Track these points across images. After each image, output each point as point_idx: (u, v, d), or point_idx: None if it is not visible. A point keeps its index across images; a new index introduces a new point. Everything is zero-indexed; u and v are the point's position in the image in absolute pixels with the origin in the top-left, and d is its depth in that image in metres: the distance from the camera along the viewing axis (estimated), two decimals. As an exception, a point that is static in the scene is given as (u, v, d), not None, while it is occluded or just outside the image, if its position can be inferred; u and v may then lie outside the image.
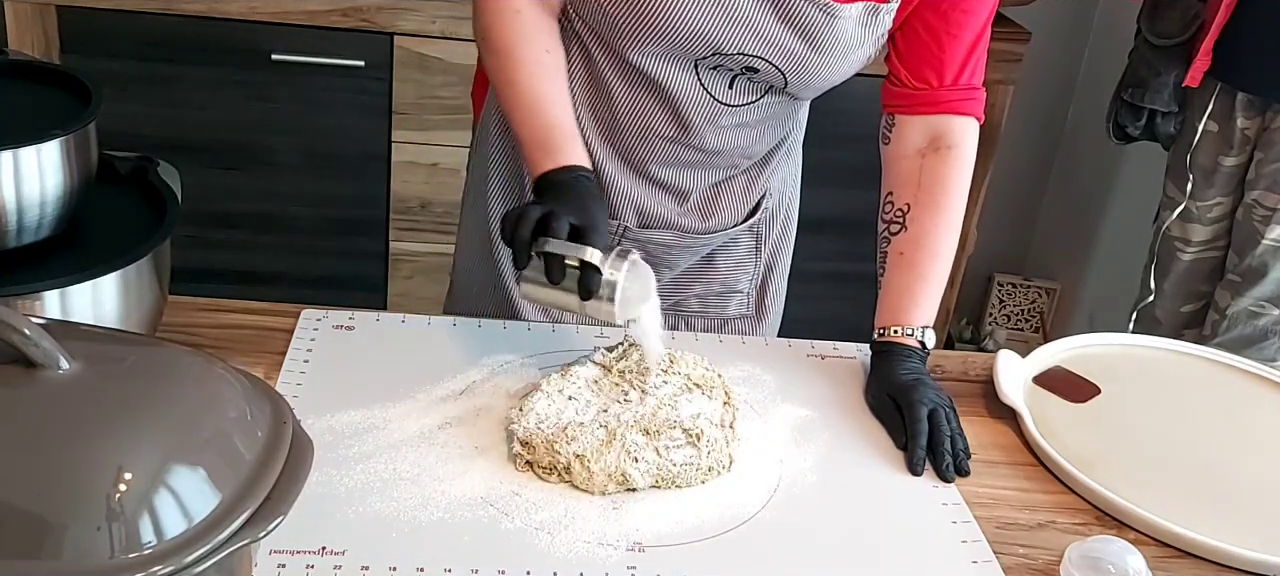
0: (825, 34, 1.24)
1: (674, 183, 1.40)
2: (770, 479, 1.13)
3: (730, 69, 1.28)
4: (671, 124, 1.33)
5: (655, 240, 1.43)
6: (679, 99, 1.31)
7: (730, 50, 1.25)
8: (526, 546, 1.00)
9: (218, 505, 0.69)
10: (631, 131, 1.35)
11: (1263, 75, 2.12)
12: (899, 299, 1.31)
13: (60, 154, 1.04)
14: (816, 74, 1.28)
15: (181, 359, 0.78)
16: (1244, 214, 2.19)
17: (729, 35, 1.23)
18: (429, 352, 1.26)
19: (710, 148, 1.36)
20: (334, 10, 2.38)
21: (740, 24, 1.23)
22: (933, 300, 1.32)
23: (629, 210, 1.41)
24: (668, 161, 1.38)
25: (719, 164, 1.40)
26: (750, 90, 1.31)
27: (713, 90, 1.30)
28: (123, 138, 1.32)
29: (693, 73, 1.29)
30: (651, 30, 1.24)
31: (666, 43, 1.25)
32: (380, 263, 2.67)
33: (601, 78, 1.33)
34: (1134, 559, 0.98)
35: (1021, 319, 3.26)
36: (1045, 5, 2.75)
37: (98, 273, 1.02)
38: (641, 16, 1.23)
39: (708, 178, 1.42)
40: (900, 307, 1.30)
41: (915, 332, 1.29)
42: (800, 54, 1.26)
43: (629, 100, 1.33)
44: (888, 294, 1.33)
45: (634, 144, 1.37)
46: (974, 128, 1.35)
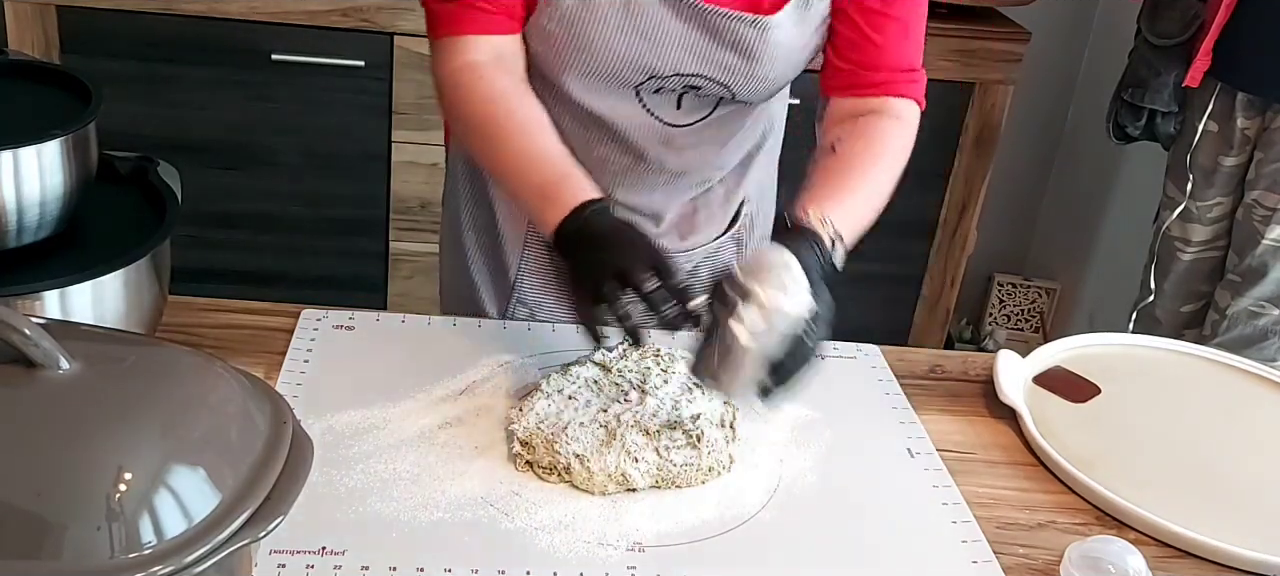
0: (759, 45, 1.21)
1: (645, 206, 1.37)
2: (770, 479, 1.13)
3: (673, 89, 1.25)
4: (625, 154, 1.31)
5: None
6: (626, 128, 1.28)
7: (666, 72, 1.22)
8: (526, 546, 1.00)
9: (218, 505, 0.69)
10: (589, 164, 1.30)
11: (1263, 75, 2.12)
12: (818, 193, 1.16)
13: (60, 154, 1.04)
14: (762, 81, 1.25)
15: (182, 359, 0.78)
16: (1244, 214, 2.19)
17: (661, 58, 1.20)
18: (429, 353, 1.26)
19: (672, 169, 1.33)
20: (334, 10, 2.38)
21: (671, 45, 1.19)
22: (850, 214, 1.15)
23: None
24: (634, 188, 1.35)
25: (688, 182, 1.37)
26: (700, 105, 1.28)
27: (660, 114, 1.27)
28: (123, 138, 1.31)
29: (635, 100, 1.26)
30: (580, 62, 1.21)
31: (599, 73, 1.22)
32: (380, 263, 2.67)
33: (554, 116, 1.28)
34: (1134, 559, 0.98)
35: (1021, 319, 3.26)
36: (1045, 5, 2.75)
37: (98, 272, 1.02)
38: (567, 48, 1.20)
39: (681, 196, 1.39)
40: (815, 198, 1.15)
41: (827, 226, 1.11)
42: (738, 66, 1.22)
43: (581, 136, 1.30)
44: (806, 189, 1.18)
45: (594, 174, 1.30)
46: (913, 109, 1.28)
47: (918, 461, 1.19)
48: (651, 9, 1.18)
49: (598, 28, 1.18)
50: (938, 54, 2.57)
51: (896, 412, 1.27)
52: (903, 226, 2.76)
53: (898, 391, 1.31)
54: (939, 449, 1.21)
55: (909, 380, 1.34)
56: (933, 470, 1.18)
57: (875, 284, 2.82)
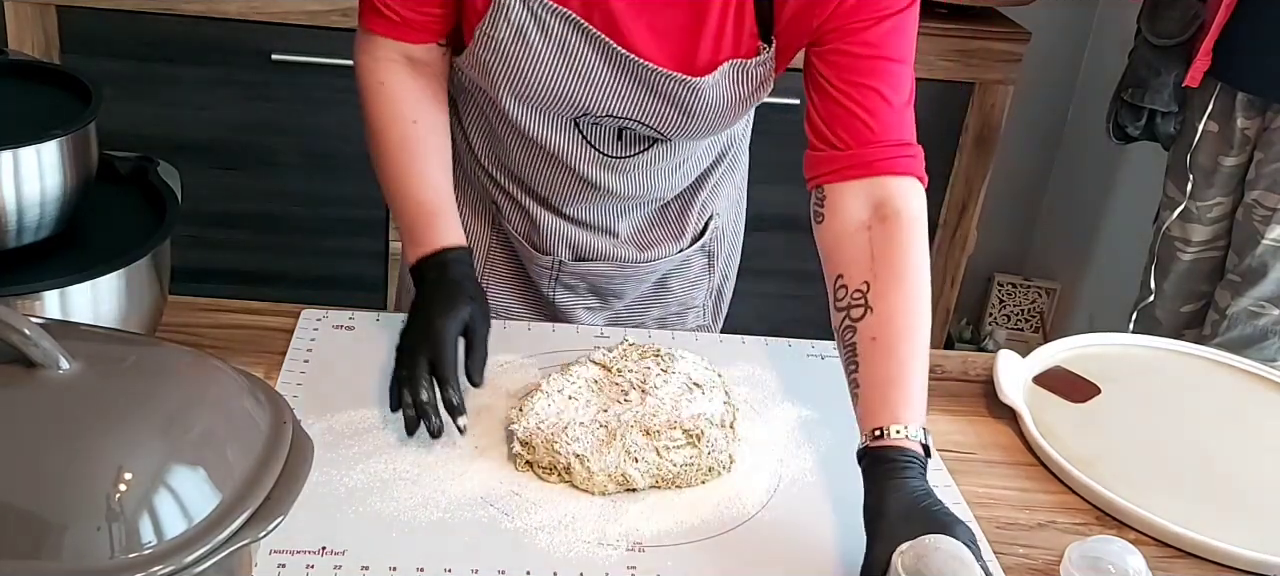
0: (691, 100, 1.18)
1: (598, 221, 1.37)
2: (770, 479, 1.13)
3: (611, 126, 1.24)
4: (569, 177, 1.30)
5: (594, 272, 1.41)
6: (565, 155, 1.27)
7: (599, 113, 1.21)
8: (526, 546, 1.00)
9: (218, 505, 0.69)
10: (535, 180, 1.33)
11: (1263, 75, 2.12)
12: (886, 392, 1.04)
13: (60, 154, 1.04)
14: (696, 130, 1.23)
15: (182, 359, 0.78)
16: (1244, 214, 2.19)
17: (593, 100, 1.19)
18: (429, 352, 1.25)
19: (618, 193, 1.32)
20: (334, 10, 2.38)
21: (599, 89, 1.18)
22: (921, 394, 1.05)
23: (561, 245, 1.38)
24: (582, 206, 1.35)
25: (639, 201, 1.36)
26: (638, 141, 1.27)
27: (599, 144, 1.26)
28: (123, 138, 1.32)
29: (574, 130, 1.25)
30: (515, 93, 1.20)
31: (534, 105, 1.22)
32: (380, 263, 2.66)
33: (497, 132, 1.30)
34: (1134, 559, 0.98)
35: (1021, 319, 3.26)
36: (1045, 5, 2.75)
37: (98, 273, 1.02)
38: (504, 79, 1.19)
39: (633, 213, 1.38)
40: (890, 401, 1.03)
41: (913, 433, 1.01)
42: (670, 115, 1.20)
43: (523, 155, 1.30)
44: (871, 389, 1.06)
45: (543, 190, 1.34)
46: (919, 191, 1.15)
47: (918, 461, 1.19)
48: (585, 54, 1.16)
49: (532, 64, 1.17)
50: (938, 54, 2.57)
51: (896, 412, 1.27)
52: (903, 226, 2.75)
53: (898, 391, 1.31)
54: (939, 449, 1.21)
55: (909, 380, 1.34)
56: (933, 470, 1.17)
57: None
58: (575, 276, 1.41)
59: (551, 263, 1.39)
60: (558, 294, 1.41)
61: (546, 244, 1.38)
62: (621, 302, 1.45)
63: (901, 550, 0.92)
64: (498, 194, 1.38)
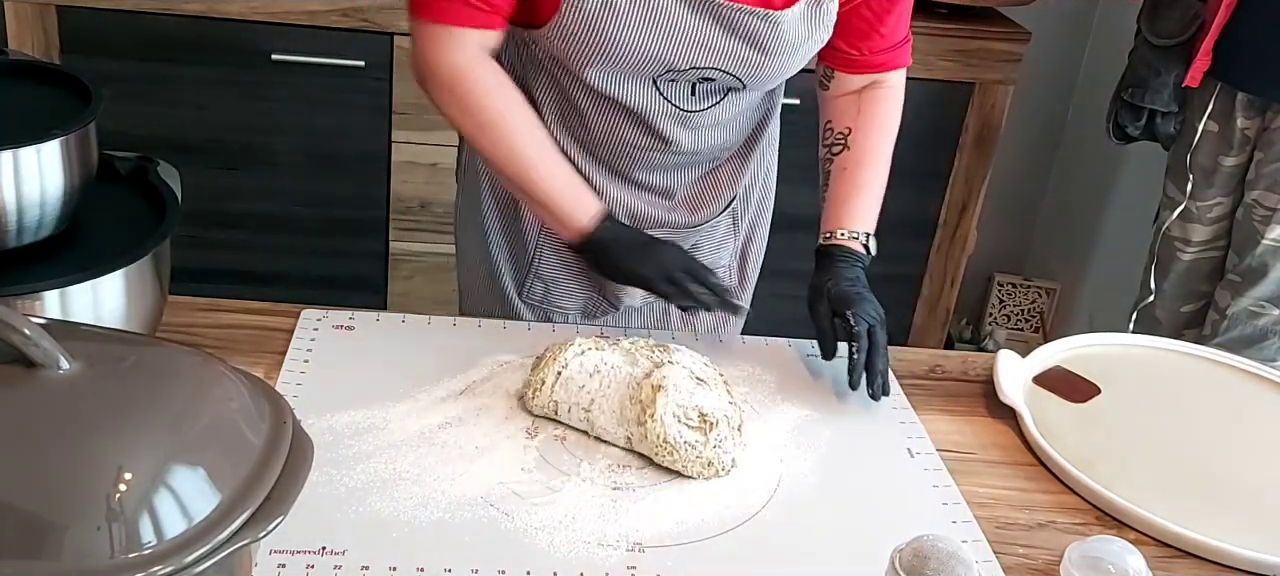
0: (771, 38, 1.26)
1: (659, 184, 1.43)
2: (770, 479, 1.13)
3: (688, 79, 1.30)
4: (644, 135, 1.35)
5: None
6: (645, 112, 1.32)
7: (682, 66, 1.26)
8: (526, 546, 1.00)
9: (218, 505, 0.69)
10: (609, 146, 1.37)
11: (1263, 75, 2.12)
12: (842, 206, 1.37)
13: (60, 154, 1.04)
14: (771, 73, 1.31)
15: (181, 359, 0.78)
16: (1244, 214, 2.19)
17: (678, 53, 1.25)
18: (429, 352, 1.26)
19: (688, 149, 1.38)
20: (334, 10, 2.38)
21: (687, 42, 1.24)
22: (873, 209, 1.38)
23: (621, 213, 1.42)
24: (650, 167, 1.40)
25: (700, 160, 1.43)
26: (713, 93, 1.33)
27: (676, 100, 1.32)
28: (123, 138, 1.31)
29: (652, 87, 1.30)
30: (602, 57, 1.25)
31: (619, 67, 1.26)
32: (380, 263, 2.67)
33: (572, 100, 1.34)
34: (1134, 559, 0.98)
35: (1021, 319, 3.26)
36: (1045, 5, 2.75)
37: (98, 273, 1.02)
38: (590, 45, 1.24)
39: (691, 174, 1.44)
40: (844, 213, 1.36)
41: (859, 236, 1.34)
42: (751, 59, 1.28)
43: (599, 120, 1.35)
44: (832, 203, 1.38)
45: (614, 157, 1.39)
46: (903, 72, 1.43)
47: (918, 461, 1.19)
48: (669, 7, 1.22)
49: (619, 27, 1.22)
50: (938, 54, 2.57)
51: (896, 412, 1.27)
52: (903, 226, 2.76)
53: (898, 391, 1.31)
54: (939, 449, 1.21)
55: (909, 380, 1.34)
56: (933, 470, 1.18)
57: (875, 284, 2.80)
58: None
59: None
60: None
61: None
62: None
63: (899, 548, 0.92)
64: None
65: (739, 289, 1.58)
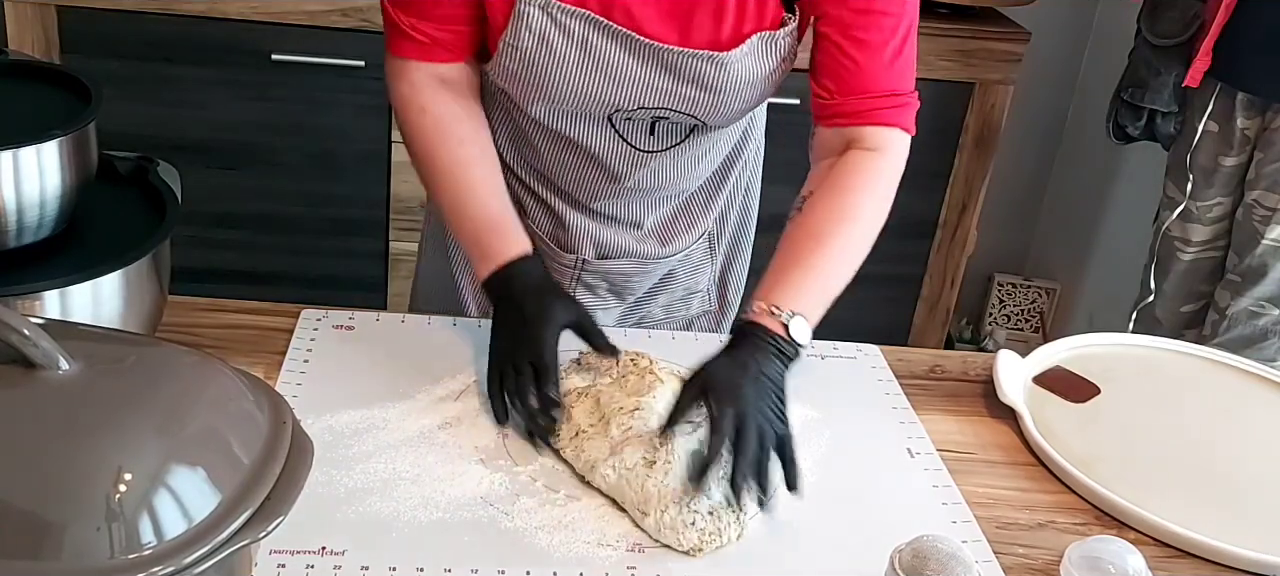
0: (719, 78, 1.19)
1: (625, 215, 1.39)
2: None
3: (644, 119, 1.25)
4: (598, 172, 1.32)
5: (615, 270, 1.42)
6: (599, 151, 1.29)
7: (630, 107, 1.22)
8: (526, 546, 1.00)
9: (218, 505, 0.69)
10: (565, 179, 1.34)
11: (1263, 75, 2.12)
12: (774, 278, 1.16)
13: (60, 154, 1.04)
14: (726, 110, 1.24)
15: (181, 359, 0.78)
16: (1244, 214, 2.19)
17: (623, 95, 1.21)
18: (429, 352, 1.26)
19: (647, 187, 1.34)
20: (334, 10, 2.38)
21: (629, 83, 1.20)
22: (809, 289, 1.15)
23: (586, 243, 1.39)
24: (611, 201, 1.36)
25: (666, 195, 1.38)
26: (672, 133, 1.28)
27: (633, 140, 1.28)
28: (123, 138, 1.31)
29: (608, 126, 1.26)
30: (544, 97, 1.22)
31: (564, 107, 1.23)
32: (380, 263, 2.66)
33: (525, 133, 1.32)
34: (1134, 559, 0.98)
35: (1021, 319, 3.26)
36: (1045, 5, 2.75)
37: (98, 273, 1.02)
38: (531, 86, 1.21)
39: (660, 206, 1.40)
40: (770, 284, 1.15)
41: (780, 313, 1.11)
42: (701, 99, 1.21)
43: (553, 155, 1.32)
44: (768, 274, 1.17)
45: (571, 188, 1.35)
46: (900, 138, 1.23)
47: (918, 461, 1.19)
48: (609, 49, 1.17)
49: (557, 68, 1.19)
50: (938, 54, 2.57)
51: (896, 413, 1.27)
52: (903, 226, 2.73)
53: (898, 391, 1.31)
54: (939, 449, 1.21)
55: (909, 380, 1.34)
56: (933, 470, 1.18)
57: (875, 284, 2.79)
58: (597, 275, 1.42)
59: (575, 261, 1.40)
60: (578, 293, 1.42)
61: (572, 242, 1.40)
62: (632, 298, 1.47)
63: (899, 548, 0.92)
64: (524, 194, 1.39)
65: (720, 314, 1.52)
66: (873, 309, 2.85)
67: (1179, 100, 2.28)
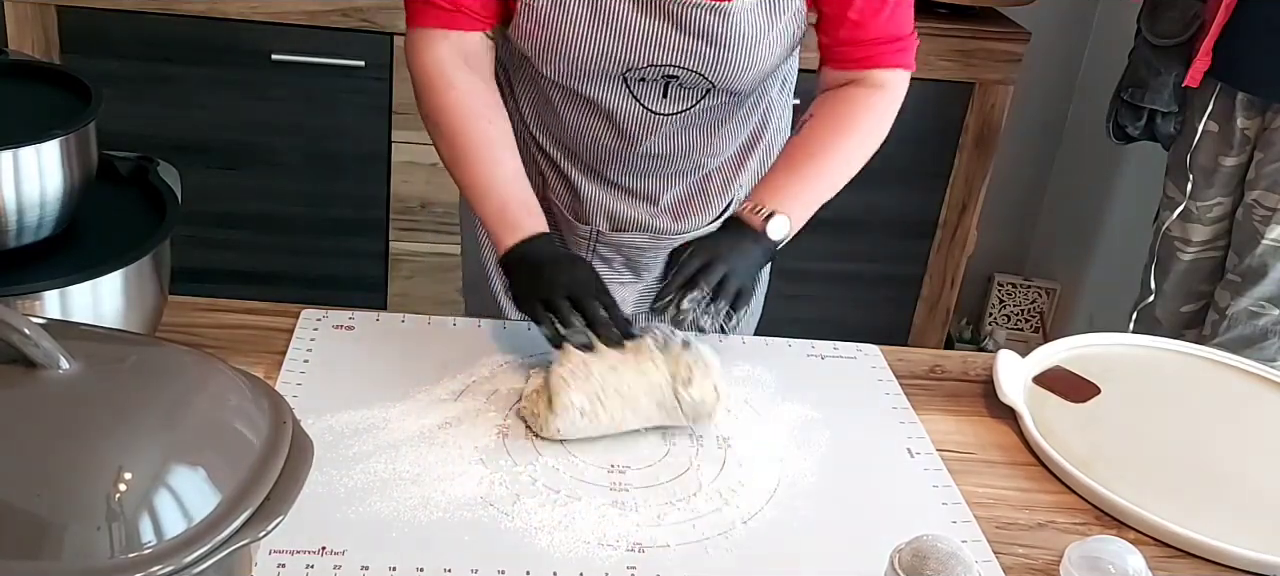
0: (725, 32, 1.23)
1: (641, 188, 1.41)
2: (770, 479, 1.13)
3: (656, 79, 1.28)
4: (615, 136, 1.34)
5: (628, 243, 1.44)
6: (615, 113, 1.32)
7: (641, 65, 1.25)
8: (526, 546, 1.00)
9: (218, 505, 0.69)
10: (582, 144, 1.37)
11: (1263, 75, 2.12)
12: (762, 183, 1.30)
13: (60, 154, 1.04)
14: (735, 69, 1.27)
15: (181, 359, 0.78)
16: (1244, 214, 2.19)
17: (633, 52, 1.24)
18: (429, 352, 1.26)
19: (661, 153, 1.36)
20: (334, 10, 2.38)
21: (640, 40, 1.23)
22: (796, 193, 1.27)
23: (600, 215, 1.42)
24: (626, 169, 1.39)
25: (682, 166, 1.40)
26: (685, 95, 1.31)
27: (647, 101, 1.31)
28: (123, 138, 1.31)
29: (623, 86, 1.29)
30: (559, 57, 1.25)
31: (578, 67, 1.26)
32: (380, 263, 2.67)
33: (548, 97, 1.34)
34: (1134, 559, 0.98)
35: (1021, 319, 3.26)
36: (1045, 5, 2.75)
37: (98, 273, 1.02)
38: (547, 46, 1.24)
39: (675, 180, 1.42)
40: (757, 189, 1.29)
41: (761, 211, 1.25)
42: (708, 55, 1.25)
43: (572, 117, 1.34)
44: (760, 182, 1.31)
45: (588, 155, 1.38)
46: (901, 76, 1.33)
47: (918, 461, 1.19)
48: (618, 6, 1.21)
49: (571, 27, 1.22)
50: (938, 54, 2.57)
51: (896, 413, 1.27)
52: (903, 226, 2.76)
53: (898, 391, 1.31)
54: (939, 449, 1.21)
55: (909, 380, 1.34)
56: (933, 470, 1.18)
57: (875, 284, 2.82)
58: (611, 248, 1.44)
59: (589, 232, 1.43)
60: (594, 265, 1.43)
61: (586, 213, 1.42)
62: (652, 276, 1.48)
63: (899, 548, 0.92)
64: (544, 163, 1.41)
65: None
66: (873, 309, 2.85)
67: (1179, 100, 2.28)
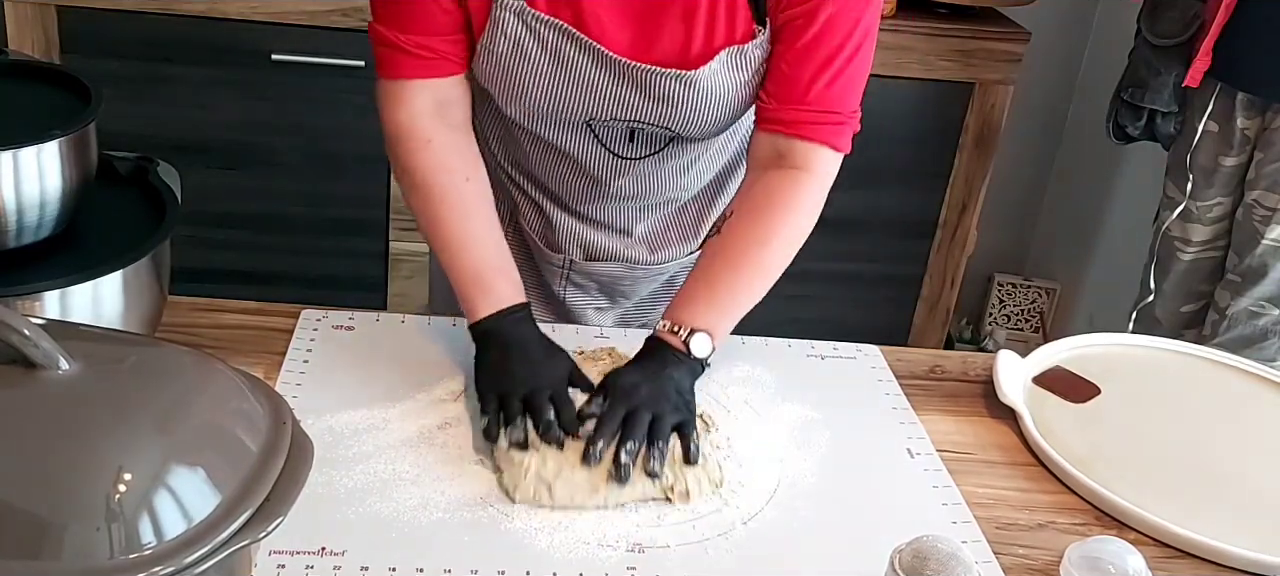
0: (688, 95, 1.19)
1: (613, 221, 1.38)
2: (770, 479, 1.13)
3: (621, 127, 1.25)
4: (582, 178, 1.32)
5: (604, 273, 1.42)
6: (581, 157, 1.29)
7: (604, 117, 1.22)
8: (526, 546, 1.00)
9: (218, 505, 0.69)
10: (551, 182, 1.34)
11: (1263, 75, 2.12)
12: (680, 297, 1.20)
13: (60, 154, 1.04)
14: (701, 123, 1.23)
15: (181, 359, 0.78)
16: (1244, 214, 2.19)
17: (593, 105, 1.21)
18: (429, 352, 1.26)
19: (631, 194, 1.34)
20: (334, 10, 2.38)
21: (599, 94, 1.20)
22: (718, 307, 1.18)
23: (574, 245, 1.40)
24: (596, 206, 1.36)
25: (653, 202, 1.37)
26: (651, 141, 1.28)
27: (613, 146, 1.27)
28: (123, 138, 1.31)
29: (587, 132, 1.26)
30: (520, 103, 1.22)
31: (541, 114, 1.23)
32: (380, 263, 2.66)
33: (514, 136, 1.32)
34: (1134, 559, 0.98)
35: (1021, 319, 3.26)
36: (1045, 5, 2.75)
37: (98, 273, 1.02)
38: (507, 91, 1.21)
39: (648, 213, 1.39)
40: (675, 304, 1.19)
41: (680, 331, 1.15)
42: (672, 114, 1.21)
43: (539, 158, 1.32)
44: (681, 292, 1.21)
45: (559, 191, 1.35)
46: (829, 156, 1.21)
47: (918, 461, 1.19)
48: (580, 60, 1.17)
49: (531, 75, 1.19)
50: (938, 54, 2.57)
51: (896, 413, 1.27)
52: (903, 226, 2.76)
53: (898, 391, 1.31)
54: (939, 449, 1.21)
55: (909, 380, 1.34)
56: (933, 470, 1.18)
57: (875, 284, 2.82)
58: (585, 276, 1.42)
59: (562, 261, 1.40)
60: (568, 293, 1.43)
61: (559, 243, 1.40)
62: (630, 302, 1.46)
63: (899, 549, 0.92)
64: (515, 192, 1.39)
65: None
66: (873, 309, 2.85)
67: (1179, 100, 2.28)
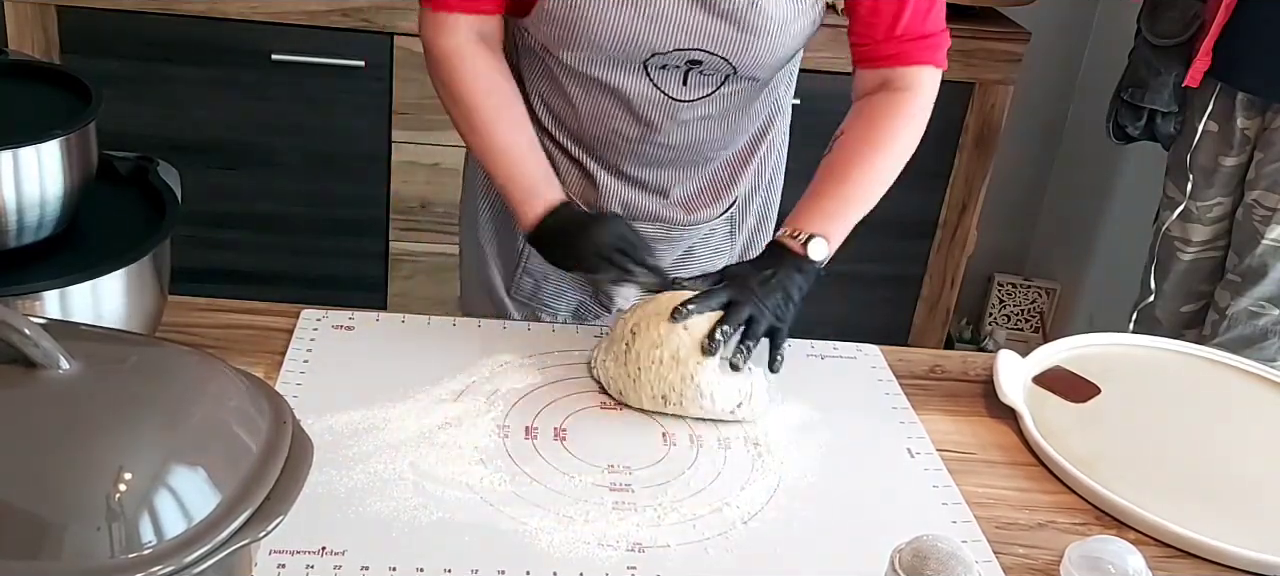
0: (752, 15, 1.24)
1: (652, 180, 1.42)
2: (770, 479, 1.13)
3: (677, 65, 1.29)
4: (633, 124, 1.35)
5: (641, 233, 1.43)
6: (634, 100, 1.32)
7: (666, 49, 1.26)
8: (526, 546, 1.00)
9: (218, 505, 0.69)
10: (598, 136, 1.38)
11: (1263, 75, 2.12)
12: (799, 207, 1.31)
13: (60, 154, 1.04)
14: (759, 54, 1.28)
15: (182, 359, 0.78)
16: (1244, 214, 2.19)
17: (659, 36, 1.25)
18: (429, 352, 1.26)
19: (676, 143, 1.37)
20: (334, 10, 2.38)
21: (666, 23, 1.24)
22: (833, 213, 1.30)
23: (615, 204, 1.43)
24: (639, 161, 1.40)
25: (692, 159, 1.41)
26: (704, 83, 1.32)
27: (667, 88, 1.31)
28: (123, 138, 1.31)
29: (643, 74, 1.30)
30: (587, 43, 1.26)
31: (603, 52, 1.27)
32: (380, 263, 2.67)
33: (562, 89, 1.35)
34: (1134, 559, 0.98)
35: (1021, 319, 3.26)
36: (1045, 5, 2.75)
37: (98, 273, 1.02)
38: (571, 32, 1.25)
39: (685, 173, 1.43)
40: (795, 213, 1.31)
41: (800, 236, 1.27)
42: (734, 38, 1.26)
43: (589, 106, 1.35)
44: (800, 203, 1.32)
45: (603, 147, 1.39)
46: (930, 74, 1.34)
47: (918, 461, 1.19)
48: None
49: (597, 10, 1.23)
50: (938, 54, 2.57)
51: (896, 413, 1.27)
52: (903, 226, 2.76)
53: (898, 391, 1.31)
54: (939, 449, 1.21)
55: (909, 380, 1.34)
56: (933, 470, 1.18)
57: (875, 284, 2.82)
58: None
59: None
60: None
61: (602, 202, 1.43)
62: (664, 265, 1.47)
63: (899, 548, 0.92)
64: (557, 154, 1.42)
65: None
66: (873, 309, 2.85)
67: (1179, 100, 2.28)
